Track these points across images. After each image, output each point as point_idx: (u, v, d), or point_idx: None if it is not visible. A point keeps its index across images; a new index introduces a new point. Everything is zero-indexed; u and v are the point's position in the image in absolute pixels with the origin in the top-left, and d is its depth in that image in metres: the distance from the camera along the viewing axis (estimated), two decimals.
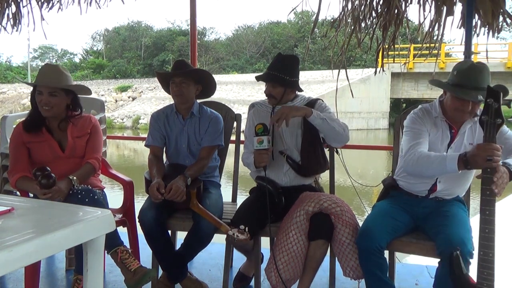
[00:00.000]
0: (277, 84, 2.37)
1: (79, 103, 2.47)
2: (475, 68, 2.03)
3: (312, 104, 2.41)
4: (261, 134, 2.22)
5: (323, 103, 2.44)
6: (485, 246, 1.74)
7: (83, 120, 2.47)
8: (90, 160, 2.41)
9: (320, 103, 2.43)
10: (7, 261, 1.10)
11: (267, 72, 2.40)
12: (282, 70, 2.35)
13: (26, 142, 2.36)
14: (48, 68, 2.38)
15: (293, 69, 2.39)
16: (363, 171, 3.49)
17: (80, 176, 2.30)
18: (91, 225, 1.36)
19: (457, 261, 1.79)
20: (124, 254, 2.16)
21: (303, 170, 2.36)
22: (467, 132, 2.12)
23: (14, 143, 2.37)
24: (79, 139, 2.42)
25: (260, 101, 2.55)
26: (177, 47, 37.90)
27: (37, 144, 2.36)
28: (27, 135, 2.36)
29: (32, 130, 2.36)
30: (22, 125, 2.39)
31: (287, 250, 2.11)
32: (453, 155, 1.92)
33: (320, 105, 2.41)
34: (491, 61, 15.49)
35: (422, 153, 2.04)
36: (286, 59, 2.40)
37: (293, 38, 38.03)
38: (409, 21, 3.17)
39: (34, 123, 2.38)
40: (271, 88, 2.39)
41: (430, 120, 2.17)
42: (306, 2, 2.98)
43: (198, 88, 2.56)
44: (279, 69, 2.36)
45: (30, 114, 2.41)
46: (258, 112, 2.50)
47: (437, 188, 2.16)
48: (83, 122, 2.46)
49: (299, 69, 2.47)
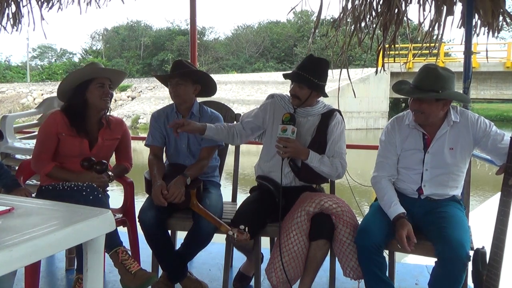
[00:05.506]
0: (304, 85, 2.31)
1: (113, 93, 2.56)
2: (424, 69, 2.10)
3: (330, 114, 2.38)
4: (287, 122, 2.21)
5: (339, 118, 2.40)
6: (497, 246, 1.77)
7: (115, 123, 2.57)
8: (125, 163, 2.61)
9: (337, 116, 2.39)
10: (7, 261, 1.09)
11: (296, 71, 2.33)
12: (311, 71, 2.29)
13: (59, 133, 2.39)
14: (96, 64, 2.52)
15: (322, 73, 2.33)
16: (362, 171, 3.48)
17: (116, 173, 2.50)
18: (91, 225, 1.35)
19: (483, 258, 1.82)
20: (124, 255, 2.15)
21: (303, 177, 2.35)
22: (447, 138, 2.13)
23: (46, 131, 2.42)
24: (108, 142, 2.50)
25: (280, 95, 2.50)
26: (176, 46, 37.89)
27: (69, 137, 2.40)
28: (62, 126, 2.39)
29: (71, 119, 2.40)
30: (60, 113, 2.42)
31: (288, 250, 2.11)
32: (395, 210, 2.07)
33: (336, 117, 2.38)
34: (490, 60, 15.52)
35: (377, 185, 2.22)
36: (317, 61, 2.34)
37: (292, 38, 38.03)
38: (409, 20, 3.17)
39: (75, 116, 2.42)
40: (298, 88, 2.33)
41: (401, 129, 2.23)
42: (305, 2, 2.98)
43: (197, 87, 2.56)
44: (308, 70, 2.30)
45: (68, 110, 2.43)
46: (276, 105, 2.45)
47: (424, 192, 2.18)
48: (114, 126, 2.55)
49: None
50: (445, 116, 2.14)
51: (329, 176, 2.35)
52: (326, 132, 2.34)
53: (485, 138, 2.08)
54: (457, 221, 2.02)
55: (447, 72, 2.08)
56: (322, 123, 2.36)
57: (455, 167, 2.14)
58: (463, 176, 2.21)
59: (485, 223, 3.29)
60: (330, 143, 2.33)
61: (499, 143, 2.06)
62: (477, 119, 2.13)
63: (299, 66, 2.35)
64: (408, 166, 2.20)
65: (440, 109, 2.09)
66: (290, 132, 2.19)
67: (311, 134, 2.36)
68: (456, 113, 2.14)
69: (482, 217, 4.48)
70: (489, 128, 2.10)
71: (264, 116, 2.46)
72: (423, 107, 2.07)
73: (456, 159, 2.13)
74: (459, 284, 1.89)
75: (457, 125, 2.13)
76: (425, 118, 2.11)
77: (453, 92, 2.08)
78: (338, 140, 2.34)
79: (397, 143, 2.22)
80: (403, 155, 2.21)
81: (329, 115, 2.38)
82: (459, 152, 2.13)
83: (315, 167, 2.26)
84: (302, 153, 2.25)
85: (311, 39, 3.64)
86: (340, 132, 2.37)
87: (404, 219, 2.03)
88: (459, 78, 2.62)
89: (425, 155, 2.16)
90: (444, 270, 1.90)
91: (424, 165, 2.15)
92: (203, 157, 2.51)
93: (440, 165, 2.14)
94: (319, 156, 2.26)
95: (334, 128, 2.35)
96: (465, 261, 1.86)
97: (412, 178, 2.20)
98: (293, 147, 2.20)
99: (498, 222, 1.82)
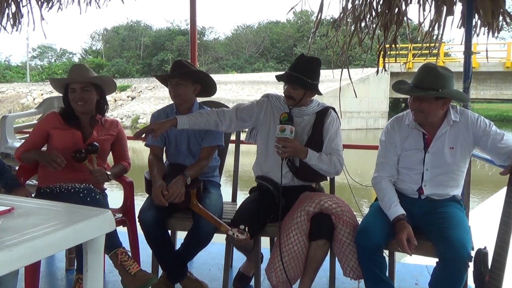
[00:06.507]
0: (297, 86, 2.32)
1: (106, 99, 2.61)
2: (424, 68, 2.11)
3: (325, 112, 2.39)
4: (285, 122, 2.21)
5: (334, 115, 2.41)
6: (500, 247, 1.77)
7: (110, 122, 2.62)
8: (123, 162, 2.61)
9: (331, 114, 2.40)
10: (7, 261, 1.09)
11: (289, 72, 2.34)
12: (304, 71, 2.29)
13: (51, 128, 2.46)
14: (77, 67, 2.54)
15: (315, 72, 2.33)
16: (362, 171, 3.47)
17: (114, 173, 2.50)
18: (91, 225, 1.35)
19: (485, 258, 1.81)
20: (123, 256, 2.16)
21: (301, 176, 2.35)
22: (447, 137, 2.13)
23: (38, 127, 2.55)
24: (103, 138, 2.53)
25: (276, 95, 2.50)
26: (176, 46, 37.89)
27: (61, 131, 2.46)
28: (55, 123, 2.47)
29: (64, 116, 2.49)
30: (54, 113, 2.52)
31: (288, 250, 2.11)
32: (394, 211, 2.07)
33: (331, 115, 2.39)
34: (490, 61, 15.53)
35: (378, 186, 2.22)
36: (309, 60, 2.35)
37: (292, 38, 38.02)
38: (409, 20, 3.17)
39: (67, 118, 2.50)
40: (291, 89, 2.33)
41: (401, 129, 2.23)
42: (305, 2, 2.98)
43: (197, 87, 2.56)
44: (301, 70, 2.30)
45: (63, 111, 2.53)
46: (272, 105, 2.45)
47: (424, 192, 2.18)
48: (109, 125, 2.61)
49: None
50: (445, 116, 2.14)
51: (327, 174, 2.35)
52: (322, 130, 2.36)
53: (485, 138, 2.09)
54: (457, 222, 2.02)
55: (447, 72, 2.08)
56: (318, 121, 2.37)
57: (455, 167, 2.14)
58: (463, 176, 2.21)
59: (484, 223, 3.30)
60: (327, 140, 2.34)
61: (499, 142, 2.06)
62: (477, 119, 2.13)
63: (291, 67, 2.36)
64: (408, 166, 2.21)
65: (440, 108, 2.09)
66: (288, 131, 2.19)
67: (307, 133, 2.37)
68: (456, 112, 2.14)
69: (481, 217, 4.49)
70: (489, 128, 2.10)
71: (258, 112, 2.44)
72: (423, 106, 2.08)
73: (456, 159, 2.13)
74: (460, 284, 1.89)
75: (457, 124, 2.13)
76: (424, 117, 2.11)
77: (453, 91, 2.08)
78: (334, 137, 2.35)
79: (397, 143, 2.22)
80: (404, 155, 2.21)
81: (324, 113, 2.39)
82: (459, 152, 2.13)
83: (313, 165, 2.26)
84: (301, 152, 2.25)
85: (311, 39, 3.64)
86: (336, 129, 2.38)
87: (404, 221, 2.03)
88: (459, 78, 2.62)
89: (425, 155, 2.16)
90: (445, 270, 1.90)
91: (425, 165, 2.16)
92: (203, 157, 2.51)
93: (440, 165, 2.14)
94: (317, 154, 2.27)
95: (330, 125, 2.36)
96: (466, 261, 1.86)
97: (412, 178, 2.20)
98: (292, 146, 2.20)
99: (502, 223, 1.81)
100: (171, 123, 2.32)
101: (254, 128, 2.51)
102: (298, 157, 2.28)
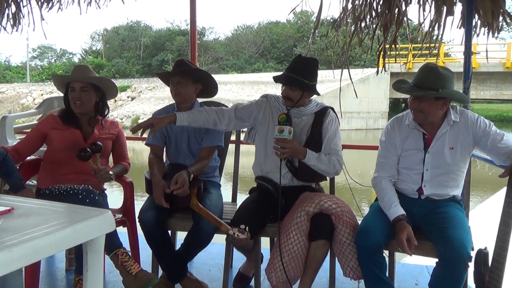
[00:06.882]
0: (295, 87, 2.31)
1: (107, 102, 2.62)
2: (424, 68, 2.11)
3: (323, 112, 2.39)
4: (283, 123, 2.21)
5: (333, 115, 2.41)
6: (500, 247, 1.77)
7: (110, 122, 2.65)
8: (123, 163, 2.62)
9: (330, 114, 2.39)
10: (7, 261, 1.09)
11: (286, 73, 2.34)
12: (301, 72, 2.29)
13: (50, 129, 2.46)
14: (80, 67, 2.56)
15: (312, 72, 2.33)
16: (362, 171, 3.47)
17: (116, 173, 2.48)
18: (91, 225, 1.35)
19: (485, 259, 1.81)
20: (124, 257, 2.16)
21: (300, 176, 2.35)
22: (447, 138, 2.14)
23: (35, 129, 2.55)
24: (104, 137, 2.54)
25: (274, 95, 2.50)
26: (176, 47, 37.88)
27: (60, 131, 2.47)
28: (53, 124, 2.48)
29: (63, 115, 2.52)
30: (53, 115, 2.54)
31: (288, 250, 2.11)
32: (394, 211, 2.07)
33: (330, 115, 2.38)
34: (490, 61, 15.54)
35: (378, 186, 2.22)
36: (306, 61, 2.35)
37: (292, 38, 38.01)
38: (409, 20, 3.17)
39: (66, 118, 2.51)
40: (289, 90, 2.33)
41: (401, 129, 2.23)
42: (305, 2, 2.98)
43: (198, 87, 2.56)
44: (298, 71, 2.30)
45: (63, 111, 2.55)
46: (271, 106, 2.44)
47: (424, 192, 2.19)
48: (110, 125, 2.63)
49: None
50: (445, 116, 2.14)
51: (326, 174, 2.35)
52: (321, 130, 2.35)
53: (485, 138, 2.09)
54: (457, 222, 2.02)
55: (447, 72, 2.08)
56: (316, 121, 2.37)
57: (455, 167, 2.14)
58: (463, 176, 2.21)
59: (484, 223, 3.29)
60: (326, 140, 2.34)
61: (499, 142, 2.06)
62: (477, 119, 2.13)
63: (289, 68, 2.35)
64: (408, 166, 2.21)
65: (439, 108, 2.09)
66: (287, 132, 2.19)
67: (306, 133, 2.37)
68: (456, 112, 2.15)
69: (481, 217, 4.48)
70: (489, 128, 2.10)
71: (257, 112, 2.44)
72: (423, 105, 2.08)
73: (456, 159, 2.14)
74: (459, 284, 1.89)
75: (457, 124, 2.13)
76: (424, 117, 2.11)
77: (453, 91, 2.08)
78: (333, 137, 2.35)
79: (397, 143, 2.23)
80: (404, 155, 2.21)
81: (323, 113, 2.39)
82: (459, 152, 2.13)
83: (313, 165, 2.26)
84: (300, 152, 2.25)
85: (311, 40, 3.64)
86: (335, 129, 2.38)
87: (404, 221, 2.03)
88: (459, 79, 2.62)
89: (425, 155, 2.16)
90: (445, 270, 1.90)
91: (425, 165, 2.16)
92: (203, 157, 2.51)
93: (440, 165, 2.14)
94: (316, 155, 2.27)
95: (329, 125, 2.36)
96: (466, 261, 1.86)
97: (412, 178, 2.20)
98: (290, 147, 2.20)
99: (502, 224, 1.81)
100: (170, 119, 2.31)
101: (252, 128, 2.51)
102: (297, 157, 2.28)
